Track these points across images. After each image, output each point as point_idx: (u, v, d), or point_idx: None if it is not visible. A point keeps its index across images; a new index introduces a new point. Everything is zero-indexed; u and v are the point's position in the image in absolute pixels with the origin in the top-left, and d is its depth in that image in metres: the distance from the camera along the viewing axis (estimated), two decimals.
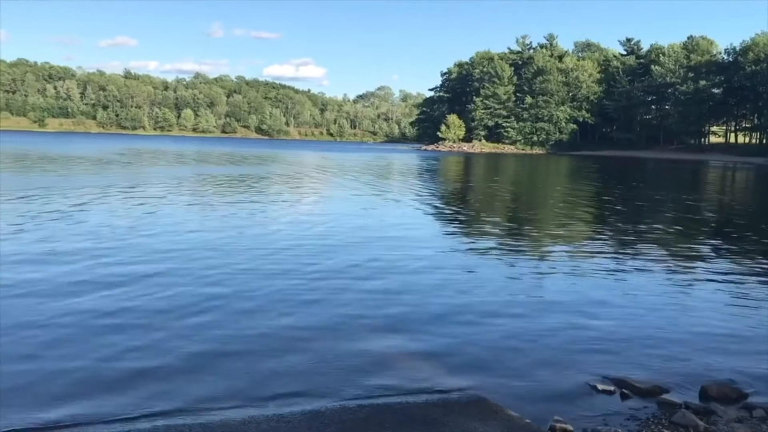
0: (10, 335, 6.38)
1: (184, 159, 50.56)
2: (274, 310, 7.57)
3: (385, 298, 8.33)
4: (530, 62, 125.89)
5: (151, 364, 5.79)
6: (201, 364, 5.83)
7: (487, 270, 10.51)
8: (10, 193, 19.39)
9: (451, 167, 55.53)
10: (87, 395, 5.11)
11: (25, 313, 7.13)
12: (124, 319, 7.05)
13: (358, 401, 5.13)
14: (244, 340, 6.51)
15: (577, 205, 23.00)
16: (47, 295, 7.90)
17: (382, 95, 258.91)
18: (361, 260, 10.75)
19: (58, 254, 10.39)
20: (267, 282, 8.92)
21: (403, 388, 5.43)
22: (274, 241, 12.42)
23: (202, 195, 21.67)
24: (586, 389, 5.56)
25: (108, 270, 9.33)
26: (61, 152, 52.60)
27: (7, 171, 30.35)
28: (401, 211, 18.94)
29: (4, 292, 7.91)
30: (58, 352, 5.99)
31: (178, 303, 7.74)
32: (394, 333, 6.92)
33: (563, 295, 8.94)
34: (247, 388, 5.35)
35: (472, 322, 7.42)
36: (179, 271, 9.42)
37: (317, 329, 6.94)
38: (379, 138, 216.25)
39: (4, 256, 10.04)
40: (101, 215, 15.27)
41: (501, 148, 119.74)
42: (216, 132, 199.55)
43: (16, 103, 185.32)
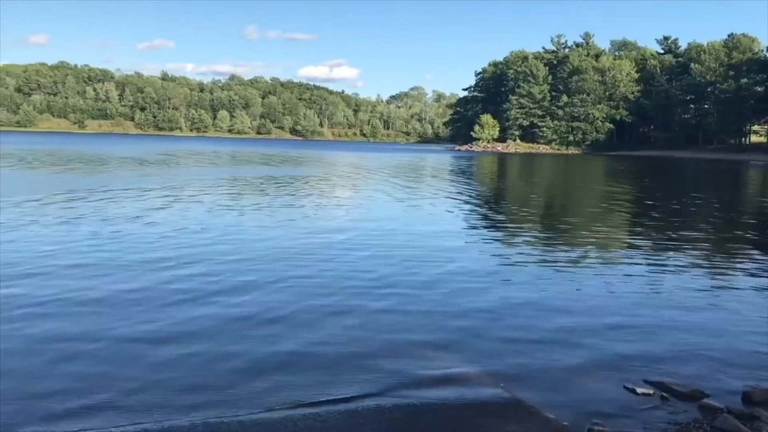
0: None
1: (225, 160, 51.11)
2: (313, 312, 7.59)
3: (417, 300, 8.32)
4: (566, 61, 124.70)
5: (192, 364, 5.89)
6: (241, 364, 5.88)
7: (522, 272, 10.41)
8: (73, 194, 20.02)
9: (485, 167, 55.21)
10: (144, 393, 5.22)
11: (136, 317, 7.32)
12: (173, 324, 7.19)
13: (393, 402, 5.13)
14: (284, 342, 6.54)
15: (614, 206, 22.68)
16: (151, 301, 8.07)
17: (415, 95, 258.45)
18: (395, 262, 10.76)
19: (126, 263, 10.59)
20: (306, 287, 8.96)
21: (439, 390, 5.41)
22: (309, 247, 12.49)
23: (251, 197, 21.78)
24: (624, 393, 5.47)
25: (182, 274, 9.51)
26: (108, 154, 53.75)
27: (66, 172, 31.17)
28: (436, 214, 18.87)
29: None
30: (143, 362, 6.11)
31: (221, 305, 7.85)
32: (428, 335, 6.89)
33: (599, 296, 8.81)
34: (285, 388, 5.37)
35: (508, 324, 7.36)
36: (225, 277, 9.54)
37: (353, 330, 6.95)
38: (412, 138, 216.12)
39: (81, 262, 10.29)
40: (169, 218, 15.30)
41: (536, 148, 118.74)
42: (251, 133, 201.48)
43: (57, 105, 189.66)
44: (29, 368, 5.62)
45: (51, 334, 6.51)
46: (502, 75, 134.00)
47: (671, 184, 37.37)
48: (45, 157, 44.77)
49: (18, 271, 9.15)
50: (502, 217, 18.85)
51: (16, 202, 17.17)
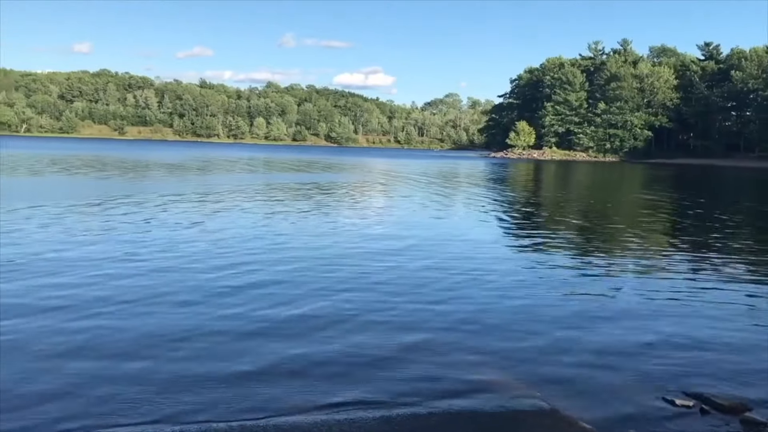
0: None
1: (267, 167, 51.59)
2: (349, 320, 7.61)
3: (453, 306, 8.31)
4: (603, 68, 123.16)
5: (231, 367, 5.97)
6: (278, 368, 5.95)
7: (559, 281, 10.30)
8: (124, 198, 20.50)
9: (521, 175, 54.81)
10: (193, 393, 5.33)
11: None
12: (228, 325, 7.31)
13: (428, 408, 5.12)
14: (320, 347, 6.58)
15: (653, 215, 22.32)
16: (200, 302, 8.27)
17: (450, 102, 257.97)
18: (432, 269, 10.77)
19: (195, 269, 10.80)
20: (343, 290, 9.04)
21: (474, 397, 5.39)
22: (345, 253, 12.56)
23: (297, 204, 21.90)
24: (663, 404, 5.38)
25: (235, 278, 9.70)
26: (152, 160, 54.78)
27: (118, 177, 31.92)
28: (473, 221, 18.83)
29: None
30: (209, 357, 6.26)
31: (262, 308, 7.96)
32: (462, 341, 6.88)
33: (637, 306, 8.69)
34: (320, 393, 5.41)
35: (544, 332, 7.31)
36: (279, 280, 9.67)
37: (388, 338, 6.97)
38: (446, 145, 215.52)
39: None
40: (223, 225, 15.45)
41: (572, 156, 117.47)
42: (287, 140, 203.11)
43: (98, 112, 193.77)
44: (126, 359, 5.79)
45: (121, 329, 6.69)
46: (538, 82, 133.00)
47: (712, 193, 36.63)
48: (93, 163, 45.87)
49: (106, 272, 9.56)
50: (539, 226, 18.69)
51: (84, 206, 17.78)
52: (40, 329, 6.81)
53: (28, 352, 6.13)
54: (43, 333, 6.69)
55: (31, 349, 6.19)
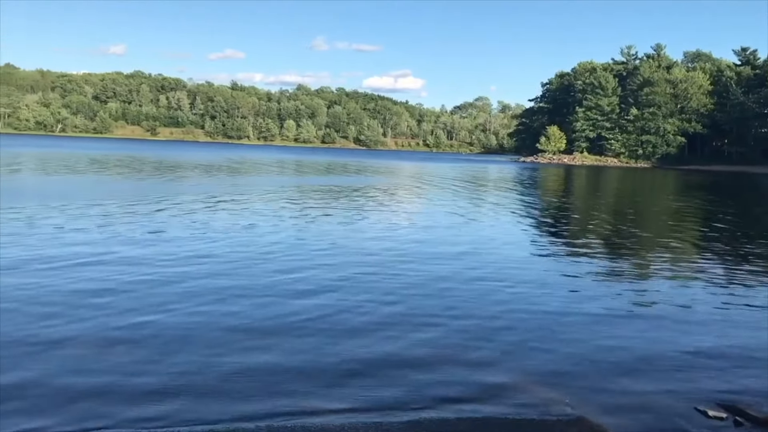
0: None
1: (299, 169, 51.85)
2: (385, 321, 7.68)
3: (482, 312, 8.28)
4: (636, 73, 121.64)
5: (264, 364, 6.07)
6: (308, 369, 6.00)
7: (589, 288, 10.22)
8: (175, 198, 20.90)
9: (553, 180, 54.35)
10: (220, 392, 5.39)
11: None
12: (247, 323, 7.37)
13: (457, 414, 5.12)
14: (351, 350, 6.62)
15: (686, 223, 22.01)
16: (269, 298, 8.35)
17: (480, 106, 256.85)
18: (458, 276, 10.75)
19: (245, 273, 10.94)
20: (374, 297, 9.06)
21: (502, 404, 5.38)
22: (371, 252, 12.59)
23: (335, 206, 22.04)
24: (695, 415, 5.30)
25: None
26: (191, 161, 55.41)
27: (156, 178, 32.49)
28: (501, 226, 18.72)
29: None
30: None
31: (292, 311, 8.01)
32: (493, 347, 6.86)
33: (669, 315, 8.57)
34: (348, 395, 5.44)
35: (574, 339, 7.26)
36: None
37: (417, 343, 6.97)
38: (475, 149, 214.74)
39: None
40: (271, 228, 15.57)
41: (603, 161, 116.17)
42: (316, 142, 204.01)
43: (131, 113, 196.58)
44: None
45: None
46: (570, 86, 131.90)
47: (746, 201, 35.96)
48: (133, 163, 46.58)
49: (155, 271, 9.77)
50: (570, 231, 18.54)
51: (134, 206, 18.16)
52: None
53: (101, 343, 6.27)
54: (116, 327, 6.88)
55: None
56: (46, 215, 15.59)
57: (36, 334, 6.64)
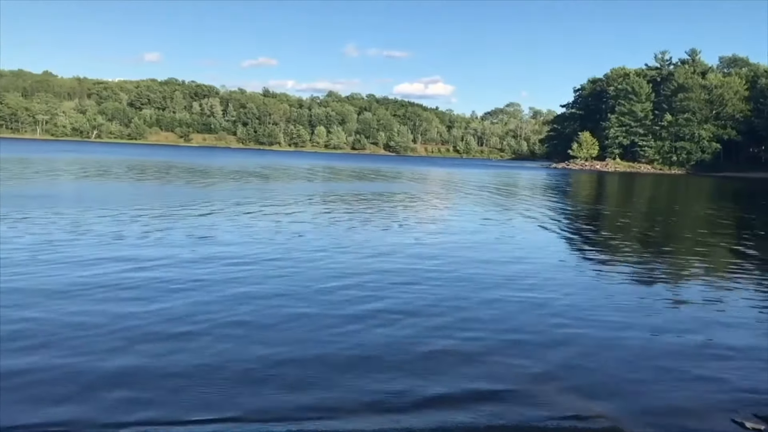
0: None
1: (334, 175, 52.09)
2: (425, 329, 7.66)
3: (516, 322, 8.22)
4: (670, 79, 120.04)
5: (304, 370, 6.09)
6: (342, 373, 6.01)
7: (623, 295, 10.06)
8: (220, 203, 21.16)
9: (587, 187, 53.81)
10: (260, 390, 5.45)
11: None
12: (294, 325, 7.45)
13: (486, 422, 5.08)
14: (383, 353, 6.62)
15: (722, 232, 21.64)
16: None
17: (511, 112, 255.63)
18: (491, 282, 10.71)
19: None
20: (413, 301, 9.07)
21: (534, 412, 5.31)
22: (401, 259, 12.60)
23: (373, 212, 22.14)
24: (732, 426, 5.18)
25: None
26: (218, 166, 56.32)
27: (199, 183, 32.94)
28: (534, 232, 18.58)
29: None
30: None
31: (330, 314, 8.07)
32: (524, 357, 6.79)
33: (705, 322, 8.42)
34: (381, 401, 5.44)
35: (607, 349, 7.16)
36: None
37: (449, 350, 6.94)
38: (506, 155, 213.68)
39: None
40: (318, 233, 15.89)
41: (636, 167, 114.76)
42: (346, 148, 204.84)
43: (165, 119, 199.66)
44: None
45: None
46: (602, 92, 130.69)
47: None
48: (170, 169, 47.43)
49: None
50: (605, 240, 18.33)
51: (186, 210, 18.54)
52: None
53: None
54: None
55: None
56: (102, 219, 16.10)
57: (114, 324, 6.83)
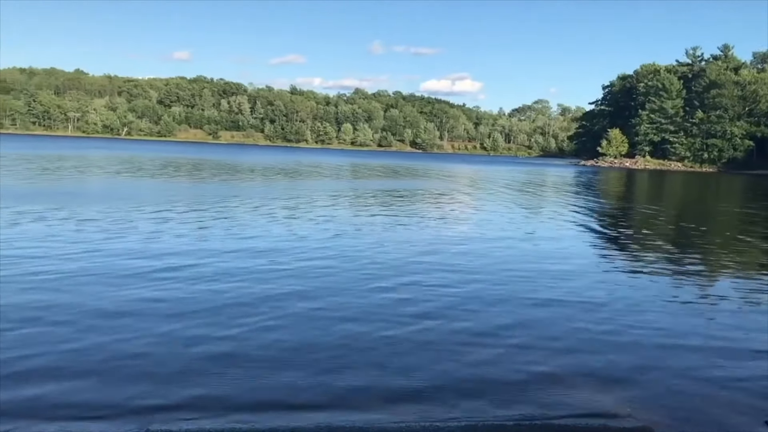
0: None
1: (361, 172, 52.06)
2: (452, 330, 7.66)
3: (542, 321, 8.19)
4: (702, 75, 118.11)
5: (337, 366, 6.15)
6: (365, 372, 6.02)
7: (653, 296, 9.96)
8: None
9: (617, 184, 53.18)
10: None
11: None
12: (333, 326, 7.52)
13: (515, 421, 5.06)
14: (412, 352, 6.64)
15: (755, 231, 21.28)
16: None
17: (539, 109, 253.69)
18: (523, 280, 10.67)
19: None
20: (441, 302, 9.08)
21: (563, 411, 5.29)
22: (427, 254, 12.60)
23: (403, 208, 22.29)
24: (762, 428, 5.11)
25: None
26: (250, 163, 56.85)
27: (234, 180, 33.36)
28: (561, 231, 18.42)
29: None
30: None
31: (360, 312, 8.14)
32: (555, 353, 6.77)
33: (734, 324, 8.27)
34: (407, 398, 5.46)
35: (636, 348, 7.09)
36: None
37: (479, 345, 6.96)
38: (534, 152, 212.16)
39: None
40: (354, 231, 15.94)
41: (666, 165, 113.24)
42: (372, 145, 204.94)
43: (194, 117, 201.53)
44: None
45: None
46: (632, 89, 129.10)
47: None
48: (202, 166, 47.96)
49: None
50: (638, 240, 18.14)
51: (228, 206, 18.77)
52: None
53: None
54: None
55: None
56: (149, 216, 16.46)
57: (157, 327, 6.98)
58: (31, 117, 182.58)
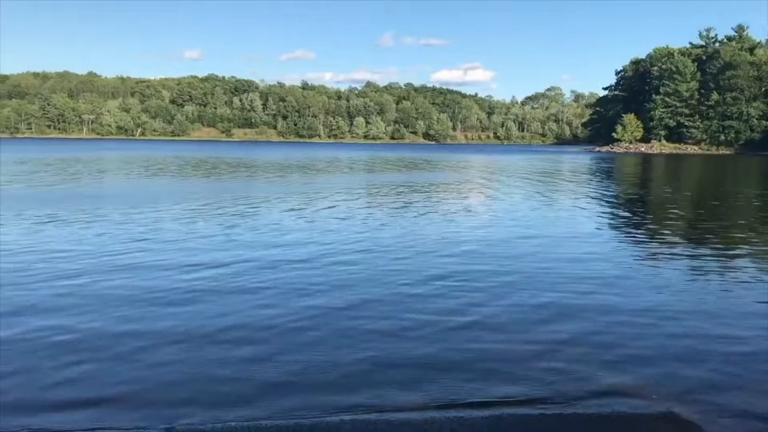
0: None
1: (376, 166, 52.11)
2: (471, 322, 7.65)
3: (570, 304, 8.18)
4: (716, 56, 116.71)
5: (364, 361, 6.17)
6: (392, 366, 6.04)
7: (677, 281, 9.91)
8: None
9: (634, 170, 52.72)
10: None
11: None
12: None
13: (540, 410, 5.07)
14: (433, 346, 6.63)
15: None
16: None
17: (552, 96, 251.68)
18: (545, 270, 10.65)
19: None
20: (462, 289, 9.11)
21: (590, 397, 5.29)
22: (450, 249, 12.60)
23: (421, 202, 22.34)
24: None
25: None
26: (268, 160, 57.06)
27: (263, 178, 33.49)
28: (593, 221, 18.28)
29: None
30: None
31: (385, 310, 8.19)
32: (579, 341, 6.77)
33: (760, 310, 8.21)
34: (431, 390, 5.47)
35: (662, 334, 7.06)
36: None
37: (504, 335, 6.96)
38: (548, 140, 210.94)
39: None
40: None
41: (682, 149, 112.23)
42: (385, 138, 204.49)
43: (206, 115, 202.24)
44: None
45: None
46: (645, 73, 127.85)
47: None
48: (219, 164, 48.24)
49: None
50: (666, 228, 18.02)
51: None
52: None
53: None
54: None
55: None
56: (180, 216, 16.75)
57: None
58: (46, 120, 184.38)
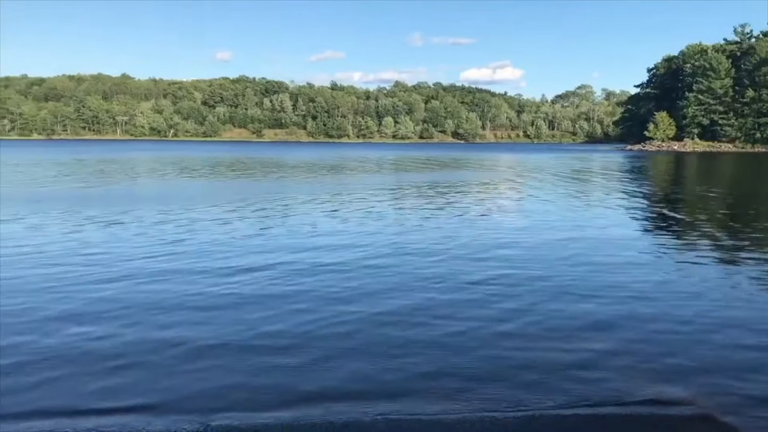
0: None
1: (407, 165, 52.13)
2: (492, 321, 7.70)
3: (599, 302, 8.16)
4: (751, 52, 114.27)
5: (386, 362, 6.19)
6: (429, 375, 6.00)
7: (712, 284, 9.80)
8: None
9: (664, 168, 51.98)
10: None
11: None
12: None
13: (574, 410, 5.08)
14: (472, 354, 6.59)
15: None
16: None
17: (582, 94, 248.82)
18: (583, 276, 10.61)
19: None
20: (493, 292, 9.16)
21: (623, 398, 5.30)
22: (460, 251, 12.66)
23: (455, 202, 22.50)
24: None
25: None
26: (299, 161, 57.50)
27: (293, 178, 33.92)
28: (630, 222, 18.20)
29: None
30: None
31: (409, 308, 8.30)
32: (612, 339, 6.78)
33: None
34: (461, 391, 5.50)
35: (696, 337, 7.01)
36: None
37: (532, 335, 6.99)
38: (579, 139, 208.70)
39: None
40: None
41: (716, 147, 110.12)
42: (414, 138, 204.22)
43: (237, 116, 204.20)
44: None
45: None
46: (678, 70, 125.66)
47: None
48: (254, 165, 48.69)
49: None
50: (701, 228, 17.85)
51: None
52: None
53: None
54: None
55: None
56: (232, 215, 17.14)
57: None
58: (80, 122, 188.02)
